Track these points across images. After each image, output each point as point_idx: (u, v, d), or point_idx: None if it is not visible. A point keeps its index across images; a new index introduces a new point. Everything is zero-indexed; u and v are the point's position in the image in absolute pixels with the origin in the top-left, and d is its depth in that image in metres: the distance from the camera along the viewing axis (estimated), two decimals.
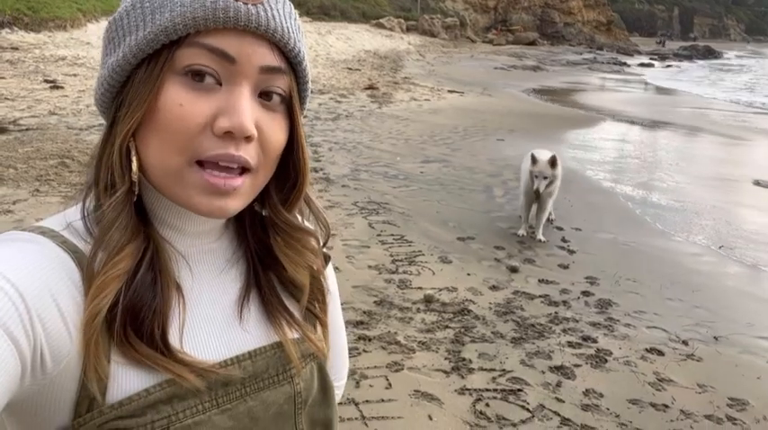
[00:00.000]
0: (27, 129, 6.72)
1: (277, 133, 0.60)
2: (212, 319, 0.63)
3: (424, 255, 4.29)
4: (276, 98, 0.59)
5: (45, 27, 13.77)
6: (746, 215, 6.32)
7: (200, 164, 0.56)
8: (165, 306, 0.57)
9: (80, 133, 6.79)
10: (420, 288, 3.72)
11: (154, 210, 0.61)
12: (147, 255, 0.58)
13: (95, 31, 14.41)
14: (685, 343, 3.34)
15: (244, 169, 0.58)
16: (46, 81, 9.65)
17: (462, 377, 2.79)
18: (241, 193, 0.59)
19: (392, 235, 4.62)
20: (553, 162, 4.63)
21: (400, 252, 4.30)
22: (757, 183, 7.84)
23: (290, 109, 0.61)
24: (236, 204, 0.59)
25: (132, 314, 0.55)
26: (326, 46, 20.72)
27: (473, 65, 22.47)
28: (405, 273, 3.94)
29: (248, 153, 0.57)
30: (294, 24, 0.60)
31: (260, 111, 0.58)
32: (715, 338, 3.45)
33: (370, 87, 12.98)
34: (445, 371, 2.83)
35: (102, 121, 0.62)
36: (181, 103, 0.55)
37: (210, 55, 0.55)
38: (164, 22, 0.54)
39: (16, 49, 12.03)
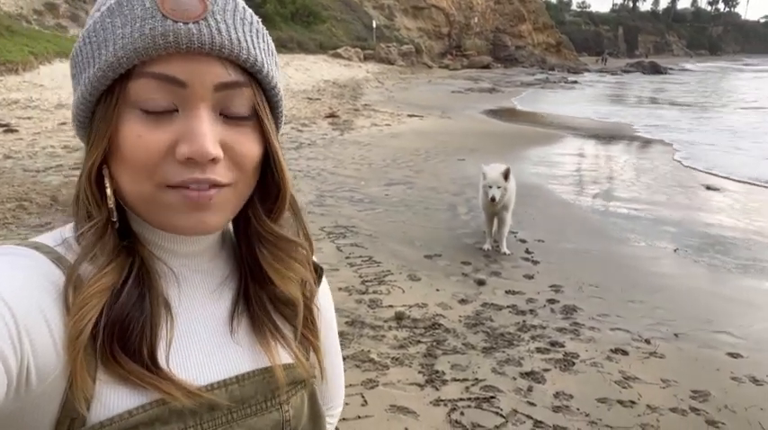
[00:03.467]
0: None
1: (247, 146, 0.58)
2: (201, 340, 0.61)
3: (393, 274, 4.35)
4: (241, 113, 0.58)
5: None
6: (700, 218, 6.61)
7: (171, 187, 0.56)
8: (154, 323, 0.56)
9: (37, 175, 6.67)
10: (391, 306, 3.76)
11: (142, 233, 0.61)
12: (133, 272, 0.57)
13: (48, 73, 14.21)
14: (648, 341, 3.47)
15: (215, 185, 0.57)
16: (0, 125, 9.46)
17: (437, 389, 2.84)
18: (220, 206, 0.58)
19: (360, 257, 4.67)
20: (506, 174, 4.85)
21: (369, 273, 4.35)
22: (708, 187, 8.21)
23: (259, 120, 0.59)
24: (216, 219, 0.58)
25: (120, 330, 0.54)
26: (285, 77, 20.86)
27: (431, 89, 22.94)
28: (375, 292, 3.99)
29: (217, 173, 0.56)
30: (248, 32, 0.57)
31: (224, 128, 0.56)
32: (675, 335, 3.59)
33: (331, 116, 13.13)
34: (419, 385, 2.87)
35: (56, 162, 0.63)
36: (139, 134, 0.54)
37: (160, 83, 0.54)
38: (108, 58, 0.54)
39: None
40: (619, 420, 2.68)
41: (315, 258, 0.74)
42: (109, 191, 0.57)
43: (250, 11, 0.60)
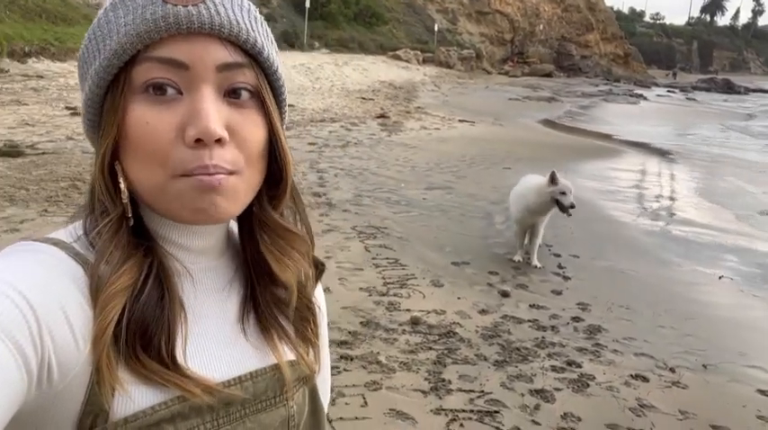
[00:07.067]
0: (43, 153, 6.97)
1: (252, 130, 0.59)
2: (214, 337, 0.63)
3: (416, 278, 4.33)
4: (245, 94, 0.59)
5: (71, 57, 14.30)
6: (751, 245, 6.25)
7: (182, 176, 0.56)
8: (172, 322, 0.58)
9: (94, 157, 7.00)
10: (408, 310, 3.75)
11: (155, 229, 0.62)
12: (152, 271, 0.58)
13: None
14: (672, 370, 3.31)
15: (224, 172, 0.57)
16: (67, 108, 10.00)
17: (440, 397, 2.81)
18: (231, 192, 0.58)
19: (387, 258, 4.67)
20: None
21: (393, 275, 4.34)
22: (766, 213, 7.76)
23: (262, 103, 0.60)
24: (227, 203, 0.58)
25: (141, 330, 0.55)
26: (342, 77, 21.14)
27: (487, 95, 22.69)
28: (395, 295, 3.98)
29: (223, 158, 0.56)
30: (246, 16, 0.59)
31: (229, 111, 0.57)
32: (704, 366, 3.41)
33: (382, 116, 13.19)
34: (423, 391, 2.84)
35: None
36: (147, 120, 0.55)
37: (163, 66, 0.55)
38: (113, 46, 0.56)
39: (42, 77, 12.51)
40: None
41: (318, 255, 0.75)
42: (122, 185, 0.58)
43: (248, 1, 0.62)
